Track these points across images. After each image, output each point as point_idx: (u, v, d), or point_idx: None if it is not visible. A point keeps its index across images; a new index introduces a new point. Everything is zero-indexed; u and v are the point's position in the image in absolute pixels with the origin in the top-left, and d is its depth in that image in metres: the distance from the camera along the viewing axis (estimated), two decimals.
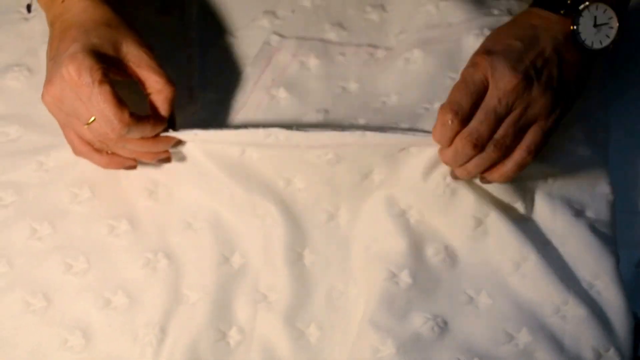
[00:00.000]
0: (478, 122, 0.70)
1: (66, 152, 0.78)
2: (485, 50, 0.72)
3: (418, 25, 0.89)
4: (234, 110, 0.84)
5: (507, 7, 0.89)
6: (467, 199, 0.76)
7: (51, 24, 0.78)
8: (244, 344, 0.73)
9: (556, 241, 0.76)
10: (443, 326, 0.71)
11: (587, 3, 0.73)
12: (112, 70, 0.73)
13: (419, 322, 0.71)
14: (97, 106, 0.70)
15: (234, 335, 0.73)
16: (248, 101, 0.84)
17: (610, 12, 0.74)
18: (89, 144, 0.75)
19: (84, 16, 0.75)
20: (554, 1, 0.74)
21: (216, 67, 0.88)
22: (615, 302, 0.73)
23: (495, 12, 0.88)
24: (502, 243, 0.75)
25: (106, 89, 0.70)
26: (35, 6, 0.90)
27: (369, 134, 0.74)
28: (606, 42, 0.74)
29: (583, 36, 0.74)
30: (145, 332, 0.72)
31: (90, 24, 0.74)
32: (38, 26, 0.88)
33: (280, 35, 0.89)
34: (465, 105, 0.70)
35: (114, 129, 0.71)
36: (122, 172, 0.79)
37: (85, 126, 0.72)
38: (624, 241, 0.80)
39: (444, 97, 0.72)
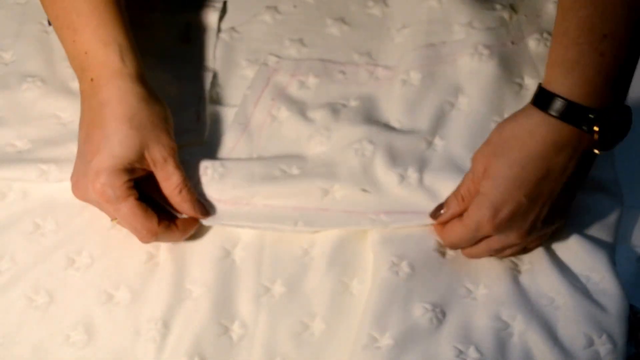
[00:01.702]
0: (477, 253, 0.74)
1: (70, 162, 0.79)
2: (493, 211, 0.70)
3: (420, 20, 0.88)
4: (237, 134, 0.83)
5: (509, 2, 0.89)
6: None
7: (81, 96, 0.77)
8: (246, 338, 0.73)
9: (554, 240, 0.76)
10: (442, 317, 0.72)
11: (608, 112, 0.68)
12: (136, 172, 0.74)
13: (418, 312, 0.72)
14: (125, 220, 0.73)
15: (236, 330, 0.73)
16: (249, 125, 0.84)
17: (627, 110, 0.70)
18: None
19: (108, 113, 0.74)
20: (574, 113, 0.68)
21: (217, 67, 0.88)
22: (611, 289, 0.73)
23: (498, 7, 0.88)
24: None
25: (131, 203, 0.72)
26: None
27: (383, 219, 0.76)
28: (620, 135, 0.71)
29: (606, 145, 0.70)
30: (148, 328, 0.73)
31: (114, 125, 0.73)
32: (57, 39, 0.89)
33: (277, 56, 0.89)
34: (460, 247, 0.75)
35: (143, 239, 0.74)
36: None
37: (113, 222, 0.75)
38: (624, 236, 0.80)
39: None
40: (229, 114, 0.85)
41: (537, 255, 0.75)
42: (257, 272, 0.75)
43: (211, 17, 0.91)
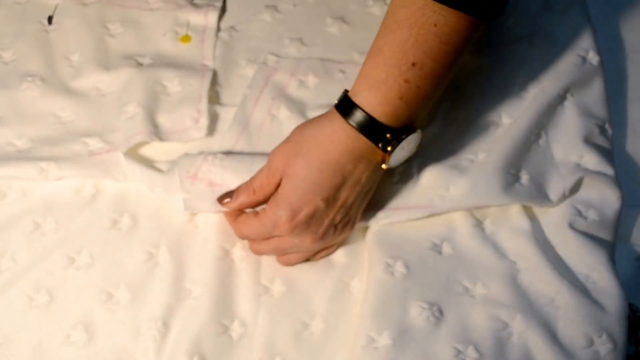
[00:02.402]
0: (265, 250, 0.76)
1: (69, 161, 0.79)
2: (291, 212, 0.71)
3: None
4: (236, 133, 0.83)
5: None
6: None
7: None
8: (246, 337, 0.73)
9: (553, 239, 0.76)
10: (439, 316, 0.72)
11: (403, 135, 0.71)
12: None
13: (415, 311, 0.72)
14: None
15: (236, 329, 0.73)
16: (249, 124, 0.84)
17: (418, 134, 0.73)
18: None
19: None
20: (372, 129, 0.70)
21: (216, 66, 0.88)
22: (610, 288, 0.73)
23: None
24: (500, 242, 0.76)
25: None
26: (56, 19, 0.91)
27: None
28: (409, 154, 0.74)
29: (394, 162, 0.73)
30: (148, 327, 0.73)
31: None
32: (57, 38, 0.89)
33: (277, 55, 0.89)
34: (256, 239, 0.76)
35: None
36: (126, 167, 0.79)
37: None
38: (624, 235, 0.80)
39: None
40: (228, 113, 0.85)
41: (537, 255, 0.75)
42: (257, 271, 0.76)
43: (211, 16, 0.91)
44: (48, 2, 0.91)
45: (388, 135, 0.71)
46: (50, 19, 0.90)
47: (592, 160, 0.79)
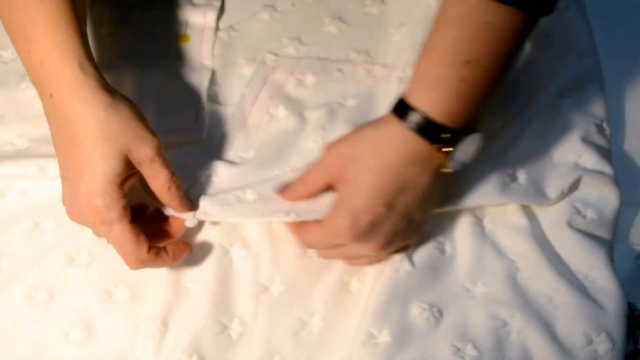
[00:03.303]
0: (330, 256, 0.75)
1: None
2: (352, 220, 0.70)
3: (417, 18, 0.88)
4: (234, 132, 0.83)
5: None
6: None
7: (45, 113, 0.73)
8: (245, 336, 0.73)
9: (552, 237, 0.77)
10: (438, 316, 0.72)
11: (462, 135, 0.69)
12: (127, 180, 0.71)
13: (415, 312, 0.72)
14: (116, 242, 0.71)
15: (235, 328, 0.73)
16: (247, 122, 0.84)
17: (478, 136, 0.71)
18: None
19: (78, 131, 0.70)
20: (429, 130, 0.69)
21: (215, 66, 0.88)
22: (609, 287, 0.73)
23: None
24: (500, 240, 0.76)
25: (124, 227, 0.70)
26: None
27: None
28: (469, 158, 0.71)
29: (453, 164, 0.70)
30: (147, 326, 0.73)
31: (89, 142, 0.70)
32: None
33: (276, 55, 0.89)
34: (321, 248, 0.75)
35: (131, 265, 0.71)
36: None
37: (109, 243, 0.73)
38: (623, 234, 0.80)
39: None
40: (227, 113, 0.85)
41: (535, 253, 0.75)
42: (256, 270, 0.75)
43: (209, 16, 0.91)
44: None
45: (446, 136, 0.69)
46: None
47: (590, 160, 0.79)
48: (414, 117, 0.69)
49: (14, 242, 0.77)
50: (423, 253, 0.75)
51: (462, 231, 0.76)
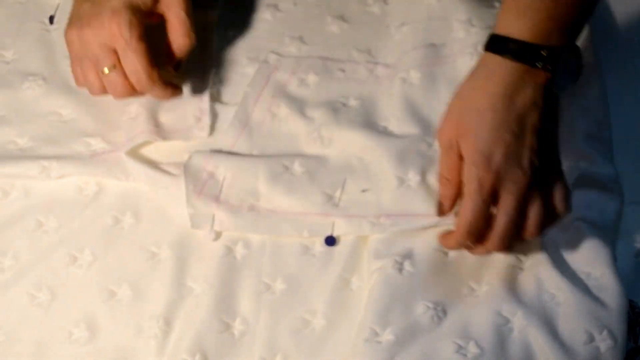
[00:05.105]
0: (503, 228, 0.70)
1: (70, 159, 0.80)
2: (486, 160, 0.69)
3: (419, 18, 0.89)
4: (237, 131, 0.83)
5: None
6: None
7: None
8: (248, 335, 0.73)
9: (555, 237, 0.77)
10: (442, 315, 0.72)
11: (559, 49, 0.71)
12: (149, 18, 0.79)
13: (419, 310, 0.72)
14: (131, 59, 0.77)
15: (238, 326, 0.73)
16: (249, 122, 0.84)
17: (576, 48, 0.73)
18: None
19: None
20: (527, 52, 0.70)
21: (218, 65, 0.88)
22: (611, 286, 0.73)
23: (497, 4, 0.88)
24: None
25: (143, 46, 0.77)
26: (57, 18, 0.91)
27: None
28: (573, 75, 0.73)
29: (560, 81, 0.72)
30: (150, 325, 0.73)
31: None
32: (58, 38, 0.89)
33: (278, 54, 0.89)
34: (479, 226, 0.70)
35: (140, 83, 0.78)
36: (128, 167, 0.79)
37: (100, 73, 0.78)
38: (624, 231, 0.80)
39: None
40: (229, 112, 0.85)
41: (538, 252, 0.75)
42: (258, 269, 0.76)
43: (212, 15, 0.91)
44: (49, 1, 0.91)
45: (545, 53, 0.70)
46: (52, 19, 0.90)
47: (591, 160, 0.79)
48: (511, 46, 0.70)
49: (17, 242, 0.77)
50: (426, 256, 0.75)
51: None
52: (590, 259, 0.75)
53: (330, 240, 0.76)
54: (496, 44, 0.71)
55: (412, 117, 0.82)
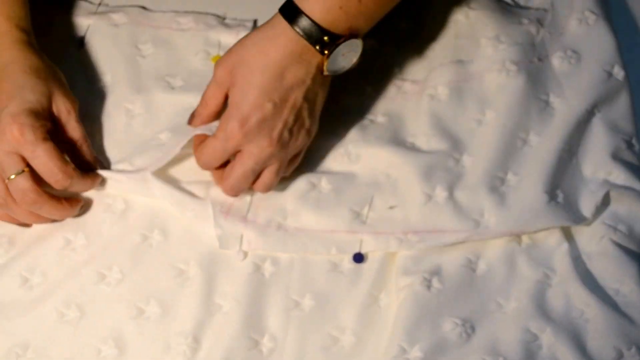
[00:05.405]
0: (236, 180, 0.77)
1: None
2: (241, 120, 0.74)
3: (447, 35, 0.89)
4: None
5: (536, 17, 0.90)
6: None
7: None
8: (276, 352, 0.73)
9: (584, 253, 0.77)
10: (471, 332, 0.72)
11: (341, 39, 0.75)
12: (46, 121, 0.77)
13: (448, 327, 0.72)
14: (42, 161, 0.74)
15: (266, 343, 0.73)
16: None
17: (358, 42, 0.77)
18: None
19: (15, 68, 0.78)
20: (313, 33, 0.75)
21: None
22: (639, 302, 0.73)
23: (525, 21, 0.89)
24: (533, 256, 0.77)
25: (50, 145, 0.75)
26: (87, 39, 0.91)
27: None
28: (349, 64, 0.78)
29: (333, 67, 0.77)
30: (178, 342, 0.73)
31: (22, 76, 0.77)
32: (88, 59, 0.89)
33: None
34: (213, 166, 0.78)
35: (57, 182, 0.75)
36: (153, 189, 0.79)
37: (7, 180, 0.75)
38: None
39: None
40: None
41: (567, 268, 0.75)
42: (287, 286, 0.76)
43: (242, 36, 0.91)
44: (80, 22, 0.92)
45: (326, 39, 0.74)
46: (81, 42, 0.90)
47: (620, 176, 0.79)
48: (301, 21, 0.74)
49: (45, 259, 0.77)
50: (454, 272, 0.75)
51: (495, 248, 0.77)
52: (619, 275, 0.75)
53: (358, 257, 0.77)
54: (291, 12, 0.75)
55: (440, 133, 0.83)
